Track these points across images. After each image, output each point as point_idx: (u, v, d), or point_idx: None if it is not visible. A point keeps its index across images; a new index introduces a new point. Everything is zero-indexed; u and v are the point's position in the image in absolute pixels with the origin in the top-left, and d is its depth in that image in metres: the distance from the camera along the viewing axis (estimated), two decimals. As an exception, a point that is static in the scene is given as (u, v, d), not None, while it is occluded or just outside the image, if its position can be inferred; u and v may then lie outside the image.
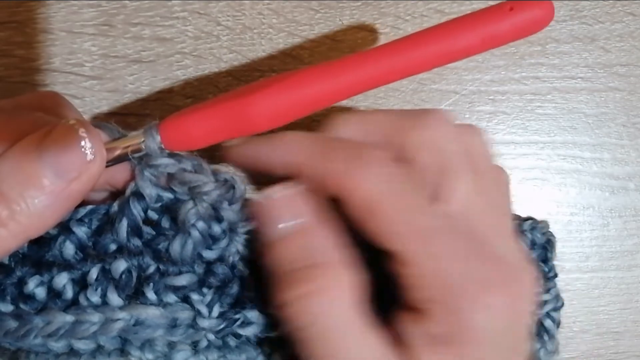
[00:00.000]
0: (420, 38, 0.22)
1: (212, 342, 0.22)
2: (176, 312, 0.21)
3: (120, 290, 0.21)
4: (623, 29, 0.34)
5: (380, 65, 0.22)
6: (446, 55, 0.22)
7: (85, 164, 0.19)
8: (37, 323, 0.20)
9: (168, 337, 0.21)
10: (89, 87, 0.31)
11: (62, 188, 0.19)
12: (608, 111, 0.34)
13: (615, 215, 0.35)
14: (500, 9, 0.21)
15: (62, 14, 0.31)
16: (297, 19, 0.32)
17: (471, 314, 0.20)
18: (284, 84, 0.22)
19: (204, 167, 0.23)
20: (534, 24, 0.21)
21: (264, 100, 0.21)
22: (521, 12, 0.21)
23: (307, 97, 0.22)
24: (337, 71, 0.22)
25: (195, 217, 0.22)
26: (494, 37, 0.21)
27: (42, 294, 0.21)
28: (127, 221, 0.22)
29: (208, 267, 0.22)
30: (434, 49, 0.22)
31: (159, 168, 0.22)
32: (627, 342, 0.35)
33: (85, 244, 0.22)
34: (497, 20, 0.21)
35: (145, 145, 0.22)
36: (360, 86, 0.22)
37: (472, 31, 0.21)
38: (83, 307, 0.21)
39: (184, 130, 0.22)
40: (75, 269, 0.21)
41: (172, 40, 0.31)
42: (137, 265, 0.22)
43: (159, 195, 0.22)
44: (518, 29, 0.21)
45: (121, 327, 0.21)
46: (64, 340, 0.21)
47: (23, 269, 0.21)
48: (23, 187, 0.19)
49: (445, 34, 0.22)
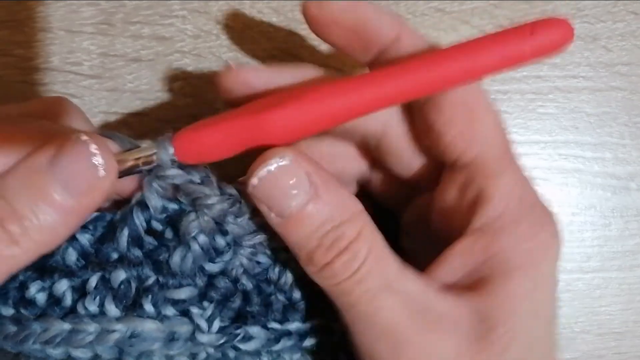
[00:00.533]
0: (440, 57, 0.22)
1: (211, 354, 0.22)
2: (174, 326, 0.21)
3: (118, 300, 0.21)
4: (625, 28, 0.34)
5: (400, 83, 0.21)
6: (466, 74, 0.21)
7: (96, 179, 0.19)
8: (35, 329, 0.20)
9: (165, 350, 0.21)
10: (88, 86, 0.31)
11: (73, 204, 0.19)
12: (610, 110, 0.34)
13: (616, 215, 0.34)
14: (521, 32, 0.21)
15: (61, 13, 0.31)
16: (297, 17, 0.32)
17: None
18: (302, 100, 0.21)
19: (211, 180, 0.22)
20: (553, 47, 0.21)
21: (282, 116, 0.21)
22: (541, 36, 0.21)
23: (324, 115, 0.21)
24: (357, 88, 0.21)
25: (196, 229, 0.21)
26: (513, 58, 0.21)
27: (42, 300, 0.21)
28: (128, 231, 0.22)
29: (210, 280, 0.22)
30: (453, 68, 0.21)
31: (167, 180, 0.22)
32: (628, 342, 0.35)
33: (87, 251, 0.22)
34: (518, 43, 0.21)
35: (157, 157, 0.21)
36: (379, 103, 0.22)
37: (493, 52, 0.21)
38: (80, 315, 0.21)
39: (198, 142, 0.21)
40: (76, 276, 0.21)
41: (172, 39, 0.31)
42: (136, 276, 0.21)
43: (164, 207, 0.22)
44: (538, 51, 0.21)
45: (117, 338, 0.20)
46: (62, 347, 0.21)
47: (26, 273, 0.21)
48: (34, 203, 0.19)
49: (466, 54, 0.21)
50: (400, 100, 0.22)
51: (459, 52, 0.22)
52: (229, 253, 0.22)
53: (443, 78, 0.21)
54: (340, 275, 0.21)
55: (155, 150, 0.21)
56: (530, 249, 0.22)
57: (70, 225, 0.20)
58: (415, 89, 0.21)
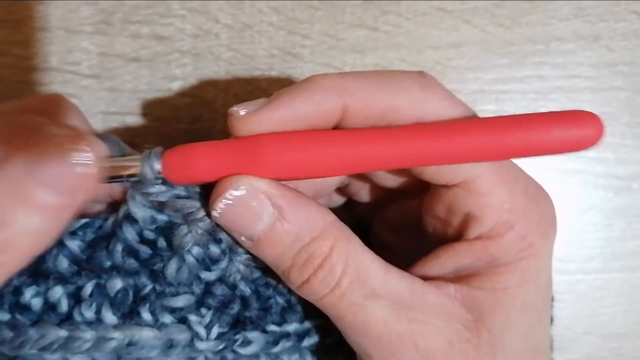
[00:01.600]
0: (461, 128, 0.20)
1: (209, 359, 0.22)
2: (172, 334, 0.21)
3: (116, 308, 0.21)
4: (627, 27, 0.33)
5: (411, 148, 0.20)
6: (485, 153, 0.20)
7: (79, 178, 0.19)
8: (31, 335, 0.20)
9: (163, 358, 0.21)
10: (87, 86, 0.31)
11: (57, 204, 0.19)
12: (612, 110, 0.34)
13: (618, 215, 0.34)
14: (558, 120, 0.20)
15: (59, 13, 0.31)
16: (297, 16, 0.32)
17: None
18: (302, 135, 0.21)
19: (196, 192, 0.22)
20: (584, 142, 0.20)
21: (277, 143, 0.21)
22: (576, 128, 0.20)
23: (324, 157, 0.21)
24: (363, 143, 0.20)
25: (190, 242, 0.21)
26: (542, 145, 0.20)
27: (38, 305, 0.21)
28: (122, 245, 0.21)
29: (207, 287, 0.22)
30: (476, 144, 0.20)
31: (150, 196, 0.21)
32: (630, 343, 0.35)
33: (79, 258, 0.22)
34: (549, 129, 0.20)
35: (141, 172, 0.21)
36: (385, 164, 0.21)
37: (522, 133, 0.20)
38: (77, 322, 0.21)
39: (188, 163, 0.21)
40: (70, 282, 0.21)
41: (171, 39, 0.31)
42: (132, 285, 0.21)
43: (153, 217, 0.22)
44: (567, 143, 0.20)
45: (115, 346, 0.20)
46: (59, 353, 0.21)
47: (20, 278, 0.21)
48: (17, 207, 0.18)
49: (491, 130, 0.20)
50: (407, 165, 0.21)
51: (484, 126, 0.20)
52: (225, 260, 0.22)
53: (461, 151, 0.20)
54: (320, 291, 0.21)
55: (139, 164, 0.21)
56: (520, 250, 0.23)
57: (57, 226, 0.19)
58: (427, 158, 0.21)
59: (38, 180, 0.18)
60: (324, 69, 0.32)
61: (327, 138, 0.21)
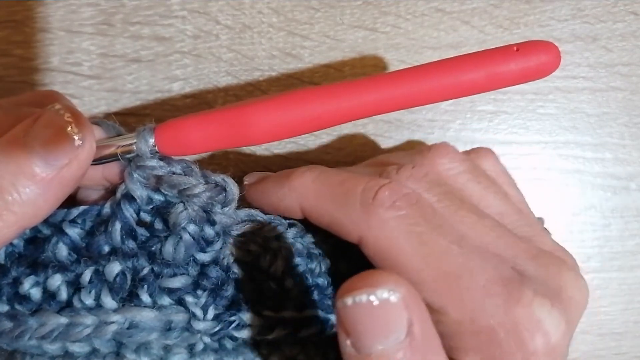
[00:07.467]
0: (425, 70, 0.22)
1: (208, 344, 0.22)
2: (171, 315, 0.21)
3: (115, 292, 0.21)
4: (625, 28, 0.34)
5: (382, 93, 0.22)
6: (449, 90, 0.22)
7: (73, 149, 0.20)
8: (31, 324, 0.20)
9: (163, 340, 0.21)
10: (88, 87, 0.31)
11: (52, 175, 0.19)
12: (610, 111, 0.34)
13: (616, 215, 0.34)
14: (507, 50, 0.22)
15: (60, 13, 0.31)
16: (297, 17, 0.32)
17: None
18: (285, 98, 0.22)
19: (193, 170, 0.23)
20: (539, 68, 0.22)
21: (265, 113, 0.22)
22: (527, 55, 0.21)
23: (307, 115, 0.22)
24: (340, 94, 0.22)
25: (186, 219, 0.22)
26: (499, 75, 0.22)
27: (37, 295, 0.21)
28: (120, 224, 0.22)
29: (202, 269, 0.22)
30: (437, 82, 0.22)
31: (147, 170, 0.22)
32: (628, 342, 0.35)
33: (78, 245, 0.22)
34: (504, 60, 0.22)
35: (136, 146, 0.22)
36: (361, 111, 0.22)
37: (478, 68, 0.22)
38: (77, 309, 0.21)
39: (180, 135, 0.22)
40: (69, 270, 0.21)
41: (171, 40, 0.31)
42: (131, 267, 0.21)
43: (149, 197, 0.22)
44: (524, 70, 0.22)
45: (115, 330, 0.21)
46: (59, 342, 0.21)
47: (19, 269, 0.21)
48: (14, 176, 0.19)
49: (451, 69, 0.22)
50: (383, 111, 0.23)
51: (444, 67, 0.22)
52: (219, 242, 0.22)
53: (426, 92, 0.22)
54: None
55: (135, 139, 0.22)
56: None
57: (51, 197, 0.20)
58: (397, 101, 0.22)
59: (35, 151, 0.19)
60: (324, 70, 0.32)
61: (306, 95, 0.22)
